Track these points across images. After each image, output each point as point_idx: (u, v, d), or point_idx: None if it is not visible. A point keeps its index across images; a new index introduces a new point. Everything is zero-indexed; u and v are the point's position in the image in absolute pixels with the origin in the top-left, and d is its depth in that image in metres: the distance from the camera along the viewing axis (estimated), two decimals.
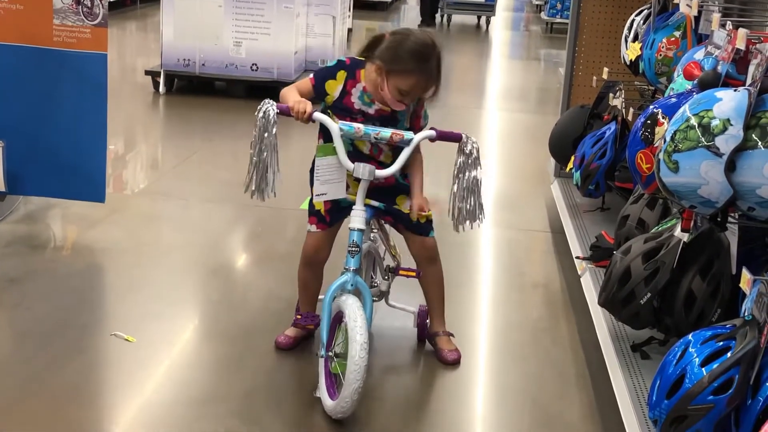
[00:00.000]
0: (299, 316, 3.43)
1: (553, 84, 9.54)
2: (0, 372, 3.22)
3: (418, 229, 3.34)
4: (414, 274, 3.34)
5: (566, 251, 4.47)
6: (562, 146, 4.92)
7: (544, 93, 9.63)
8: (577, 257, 4.08)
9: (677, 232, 2.88)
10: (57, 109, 4.43)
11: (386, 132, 3.10)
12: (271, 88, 7.68)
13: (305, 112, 3.06)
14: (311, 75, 3.27)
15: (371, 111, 3.19)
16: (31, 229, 4.60)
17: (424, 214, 3.25)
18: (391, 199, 3.30)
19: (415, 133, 3.20)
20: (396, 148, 3.20)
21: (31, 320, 3.62)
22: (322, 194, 3.21)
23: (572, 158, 4.59)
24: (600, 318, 3.41)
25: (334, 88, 3.21)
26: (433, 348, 3.53)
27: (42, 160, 4.49)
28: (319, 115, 3.09)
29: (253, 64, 7.94)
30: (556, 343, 3.75)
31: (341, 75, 3.21)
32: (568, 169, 4.68)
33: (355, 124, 3.11)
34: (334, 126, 3.07)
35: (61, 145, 4.46)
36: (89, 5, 4.31)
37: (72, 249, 4.48)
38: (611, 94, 4.60)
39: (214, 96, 8.10)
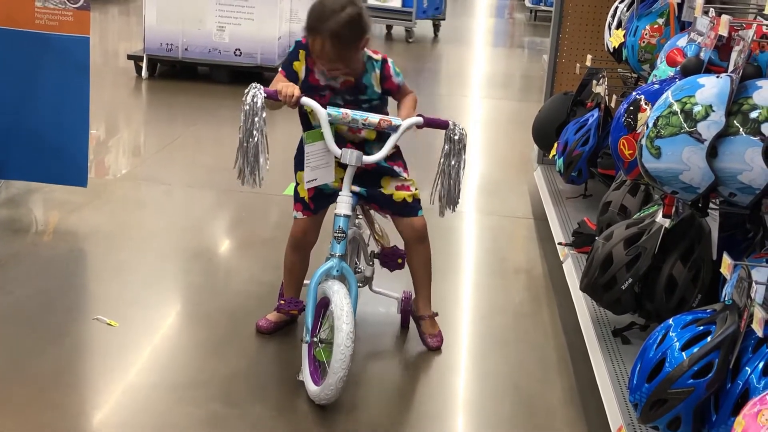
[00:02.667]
0: (283, 302, 3.44)
1: (536, 71, 9.56)
2: None
3: (406, 210, 3.33)
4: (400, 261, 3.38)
5: (549, 237, 4.49)
6: (545, 133, 4.93)
7: (528, 80, 9.64)
8: (559, 243, 4.10)
9: (659, 218, 2.90)
10: (39, 92, 4.40)
11: (374, 118, 3.09)
12: (254, 74, 7.66)
13: (293, 95, 3.05)
14: (281, 69, 3.26)
15: (337, 84, 3.18)
16: (13, 213, 4.58)
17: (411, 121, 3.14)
18: (375, 182, 3.30)
19: (393, 93, 3.23)
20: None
21: (13, 304, 3.61)
22: (313, 180, 3.20)
23: (555, 145, 4.60)
24: (581, 303, 3.43)
25: (300, 69, 3.20)
26: (417, 330, 3.54)
27: (24, 144, 4.47)
28: (307, 100, 3.08)
29: (236, 50, 7.90)
30: (538, 327, 3.77)
31: (302, 55, 3.20)
32: (551, 155, 4.69)
33: (343, 110, 3.10)
34: (322, 111, 3.07)
35: (43, 129, 4.44)
36: None
37: (54, 233, 4.46)
38: (594, 81, 4.62)
39: (197, 81, 8.06)
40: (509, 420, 3.13)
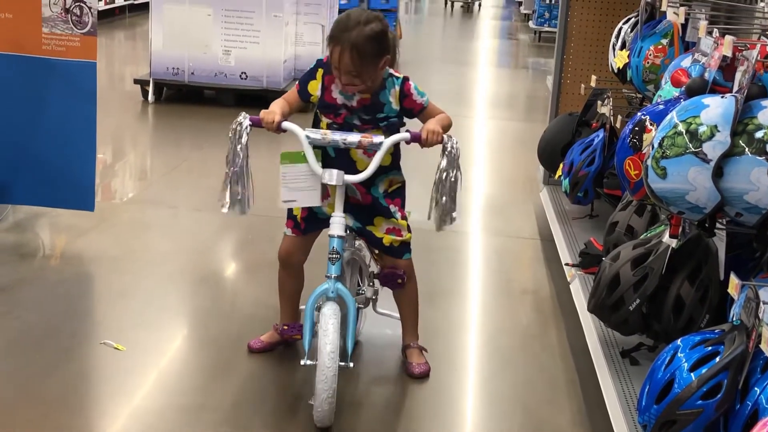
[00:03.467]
0: (286, 327, 3.44)
1: (541, 92, 9.57)
2: None
3: (393, 251, 3.33)
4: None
5: (555, 258, 4.49)
6: (550, 153, 4.94)
7: (533, 101, 9.67)
8: (566, 264, 4.09)
9: (666, 238, 2.89)
10: (46, 117, 4.43)
11: (354, 137, 3.09)
12: (260, 97, 7.69)
13: (273, 121, 3.08)
14: (297, 81, 3.30)
15: (353, 103, 3.19)
16: (20, 238, 4.59)
17: (432, 138, 3.09)
18: (367, 220, 3.29)
19: (416, 113, 3.21)
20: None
21: (21, 329, 3.61)
22: (291, 200, 3.20)
23: (561, 165, 4.60)
24: (589, 324, 3.42)
25: (316, 88, 3.22)
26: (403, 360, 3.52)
27: (31, 169, 4.49)
28: (287, 124, 3.12)
29: (242, 73, 7.94)
30: (546, 349, 3.76)
31: (319, 74, 3.23)
32: (557, 176, 4.70)
33: (321, 130, 3.12)
34: (301, 133, 3.09)
35: (50, 153, 4.46)
36: (78, 14, 4.32)
37: (61, 257, 4.47)
38: (599, 102, 4.62)
39: (203, 105, 8.10)
40: None
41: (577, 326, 3.63)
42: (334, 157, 3.19)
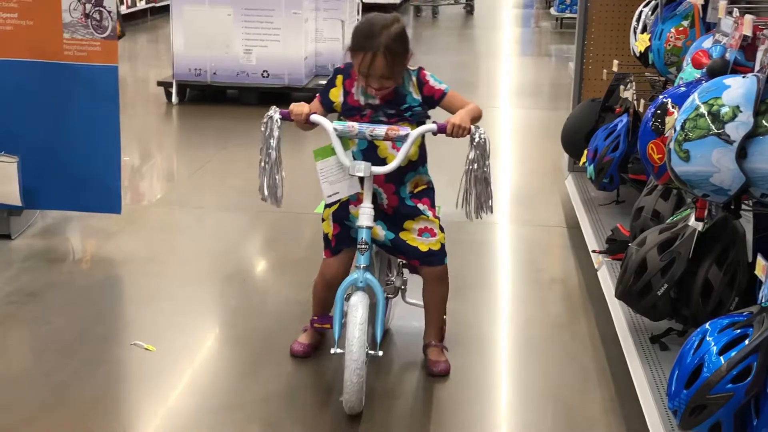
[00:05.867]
0: (316, 317, 3.44)
1: (565, 79, 9.51)
2: (21, 386, 3.25)
3: (432, 259, 3.30)
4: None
5: (582, 246, 4.46)
6: (574, 140, 4.90)
7: (557, 88, 9.60)
8: (593, 251, 4.07)
9: (692, 221, 2.86)
10: (70, 122, 4.46)
11: (381, 129, 3.09)
12: (282, 95, 7.71)
13: (302, 113, 3.10)
14: (317, 94, 3.32)
15: (376, 101, 3.20)
16: (49, 243, 4.63)
17: (459, 130, 3.06)
18: (398, 227, 3.27)
19: (438, 101, 3.21)
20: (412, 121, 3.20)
21: (51, 333, 3.65)
22: (335, 194, 3.21)
23: (585, 152, 4.57)
24: (618, 311, 3.40)
25: (338, 95, 3.25)
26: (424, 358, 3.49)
27: (57, 174, 4.53)
28: (316, 117, 3.14)
29: (264, 71, 7.96)
30: (576, 338, 3.74)
31: (339, 80, 3.26)
32: (581, 163, 4.67)
33: (349, 123, 3.13)
34: (329, 125, 3.10)
35: (76, 158, 4.50)
36: (98, 18, 4.34)
37: (90, 261, 4.51)
38: (622, 87, 4.58)
39: (226, 104, 8.13)
40: (551, 431, 3.10)
41: (606, 314, 3.60)
42: (362, 158, 3.18)
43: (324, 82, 3.36)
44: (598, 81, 5.27)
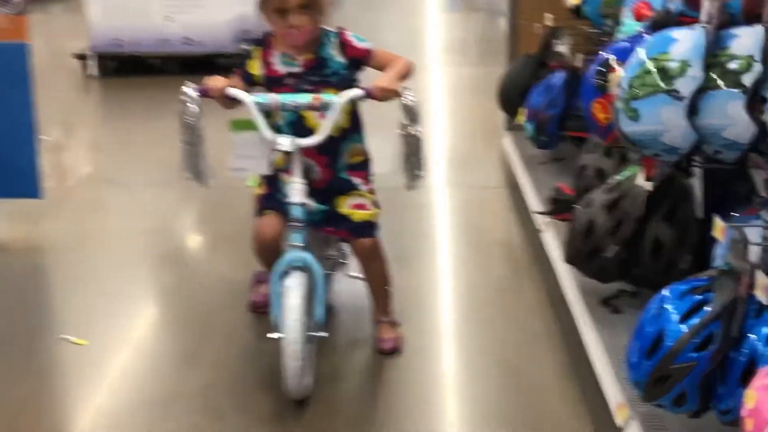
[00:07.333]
0: (255, 300, 3.29)
1: (495, 35, 9.40)
2: None
3: (362, 231, 3.14)
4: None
5: (524, 206, 4.38)
6: (511, 98, 4.80)
7: (488, 44, 9.48)
8: (536, 212, 3.97)
9: (640, 181, 2.77)
10: None
11: (305, 98, 2.92)
12: (207, 62, 7.47)
13: (218, 87, 2.92)
14: (233, 70, 3.12)
15: (298, 69, 3.03)
16: None
17: (387, 93, 2.91)
18: (327, 200, 3.11)
19: (367, 61, 3.05)
20: (341, 85, 3.02)
21: None
22: (241, 169, 3.05)
23: (523, 110, 4.47)
24: (565, 274, 3.31)
25: (256, 67, 3.06)
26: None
27: None
28: (232, 91, 2.95)
29: (186, 38, 7.70)
30: (521, 301, 3.65)
31: (257, 52, 3.07)
32: (519, 121, 4.57)
33: (269, 95, 2.95)
34: (249, 99, 2.93)
35: None
36: None
37: (11, 249, 4.27)
38: (556, 41, 4.48)
39: (149, 75, 7.86)
40: (503, 400, 3.00)
41: (552, 276, 3.53)
42: (291, 132, 3.01)
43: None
44: (532, 36, 5.15)
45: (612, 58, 2.75)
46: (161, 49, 7.72)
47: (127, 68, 7.90)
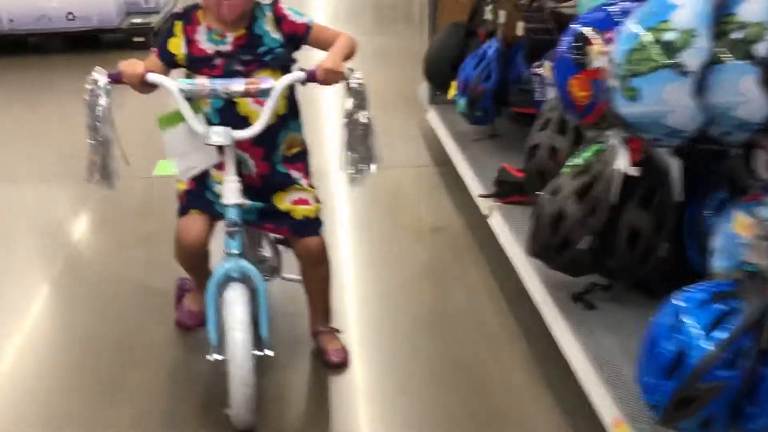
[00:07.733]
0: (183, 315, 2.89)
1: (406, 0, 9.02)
2: None
3: (305, 229, 2.78)
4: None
5: (458, 186, 4.06)
6: (439, 70, 4.46)
7: (398, 10, 9.08)
8: (481, 195, 3.65)
9: (621, 164, 2.47)
10: None
11: (238, 84, 2.52)
12: (91, 39, 6.91)
13: (135, 74, 2.49)
14: (152, 49, 2.70)
15: (228, 47, 2.62)
16: None
17: (333, 75, 2.58)
18: (265, 197, 2.74)
19: (305, 38, 2.68)
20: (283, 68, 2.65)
21: None
22: (190, 168, 2.66)
23: (454, 83, 4.15)
24: (523, 265, 3.02)
25: (179, 45, 2.64)
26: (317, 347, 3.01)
27: None
28: (153, 77, 2.52)
29: (68, 14, 7.13)
30: (472, 292, 3.34)
31: (178, 27, 2.65)
32: (450, 95, 4.24)
33: (198, 80, 2.55)
34: (173, 85, 2.51)
35: None
36: None
37: None
38: (485, 8, 4.17)
39: (29, 54, 7.26)
40: (465, 407, 2.69)
41: (504, 266, 3.23)
42: (220, 121, 2.61)
43: (140, 20, 2.71)
44: (456, 3, 4.81)
45: (587, 30, 2.44)
46: (41, 26, 7.13)
47: (5, 48, 7.26)
